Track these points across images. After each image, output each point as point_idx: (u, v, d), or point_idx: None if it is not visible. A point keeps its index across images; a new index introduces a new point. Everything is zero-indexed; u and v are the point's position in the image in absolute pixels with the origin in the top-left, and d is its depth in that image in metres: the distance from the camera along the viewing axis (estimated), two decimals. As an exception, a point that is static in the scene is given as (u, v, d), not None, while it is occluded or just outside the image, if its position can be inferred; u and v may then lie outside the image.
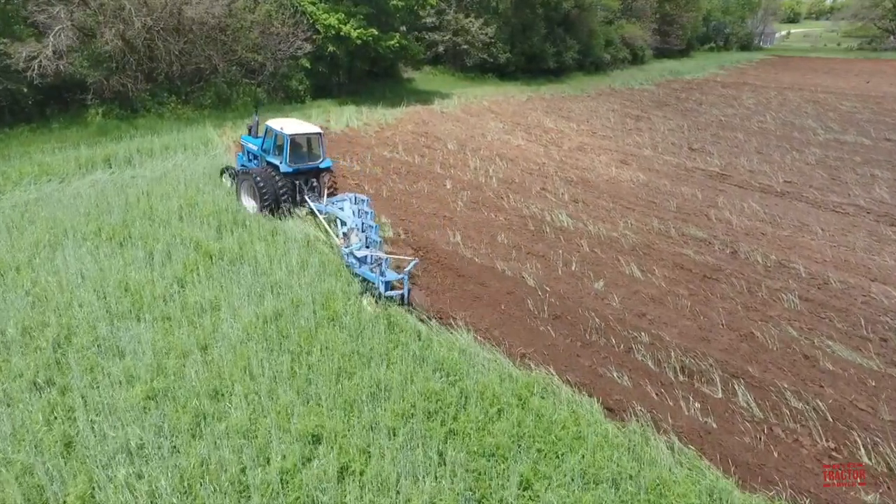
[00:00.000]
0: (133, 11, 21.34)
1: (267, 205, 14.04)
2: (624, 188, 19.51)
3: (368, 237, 12.08)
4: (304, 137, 14.99)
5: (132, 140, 20.85)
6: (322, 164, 14.89)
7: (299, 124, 15.02)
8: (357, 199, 14.07)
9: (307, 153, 15.19)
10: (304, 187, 14.84)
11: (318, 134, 14.95)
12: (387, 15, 30.62)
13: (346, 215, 13.08)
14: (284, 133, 14.14)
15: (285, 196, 14.31)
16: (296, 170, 14.45)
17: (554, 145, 24.90)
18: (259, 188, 14.05)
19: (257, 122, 16.17)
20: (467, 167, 20.31)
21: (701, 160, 24.21)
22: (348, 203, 13.77)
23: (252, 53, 27.17)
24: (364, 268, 11.05)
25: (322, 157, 14.96)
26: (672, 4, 65.90)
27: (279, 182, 14.26)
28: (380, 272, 10.87)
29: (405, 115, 28.35)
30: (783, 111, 36.58)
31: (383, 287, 10.48)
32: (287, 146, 14.13)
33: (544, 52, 44.77)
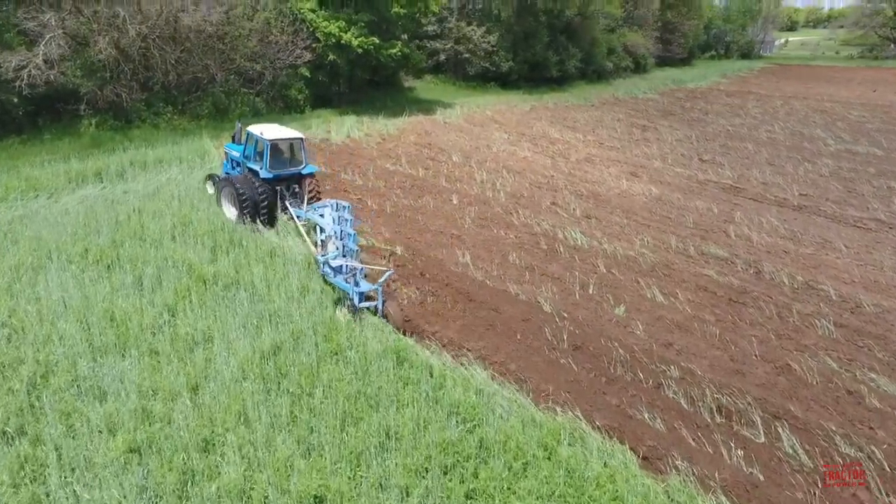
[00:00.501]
0: (127, 19, 20.61)
1: (246, 211, 13.74)
2: (637, 202, 18.77)
3: (346, 245, 11.58)
4: (285, 143, 14.60)
5: (125, 152, 20.05)
6: (304, 170, 14.63)
7: (280, 129, 14.76)
8: (338, 205, 13.39)
9: (289, 159, 14.80)
10: (285, 193, 14.48)
11: (299, 139, 14.64)
12: (388, 23, 29.96)
13: (326, 222, 12.61)
14: (265, 139, 13.85)
15: (265, 203, 14.00)
16: (277, 176, 14.13)
17: (561, 157, 24.18)
18: (239, 195, 13.72)
19: (240, 129, 15.72)
20: (473, 180, 19.56)
21: (713, 172, 23.50)
22: (329, 210, 13.12)
23: (250, 62, 26.45)
24: (339, 278, 10.83)
25: (304, 162, 14.69)
26: (674, 12, 65.50)
27: (259, 188, 13.92)
28: (354, 282, 10.60)
29: (407, 126, 27.64)
30: (791, 121, 35.96)
31: (357, 298, 10.27)
32: (267, 152, 13.84)
33: (547, 60, 44.15)
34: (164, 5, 21.19)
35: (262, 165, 13.95)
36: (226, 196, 14.63)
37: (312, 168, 14.98)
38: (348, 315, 10.15)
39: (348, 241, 11.91)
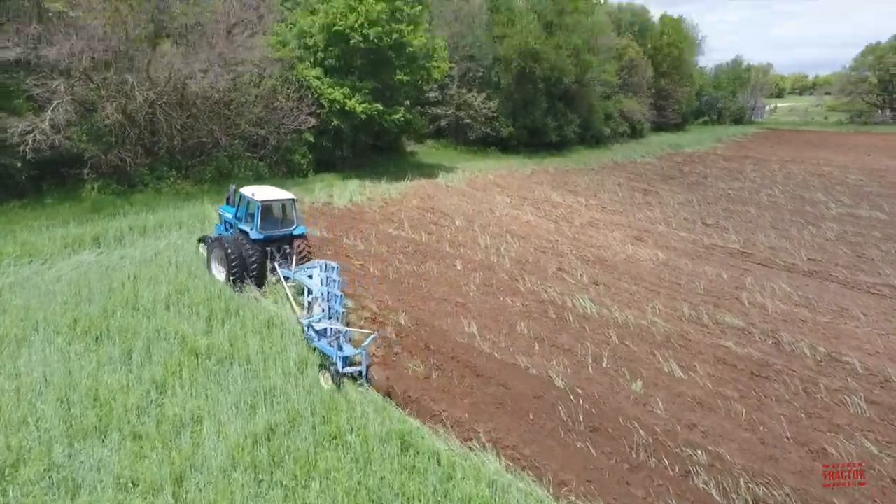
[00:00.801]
0: (136, 86, 20.92)
1: (235, 273, 13.46)
2: (644, 268, 18.38)
3: (332, 307, 11.30)
4: (276, 204, 14.61)
5: (126, 217, 19.84)
6: (295, 231, 14.57)
7: (272, 191, 14.84)
8: (327, 266, 13.30)
9: (280, 220, 14.81)
10: (275, 254, 14.35)
11: (291, 200, 14.65)
12: (391, 90, 30.64)
13: (313, 283, 12.36)
14: (256, 199, 13.86)
15: (255, 264, 13.73)
16: (267, 237, 14.10)
17: (564, 221, 24.03)
18: (228, 256, 13.50)
19: (234, 190, 15.65)
20: (477, 245, 19.25)
21: (718, 236, 23.28)
22: (317, 271, 12.99)
23: (255, 127, 26.79)
24: (322, 341, 10.55)
25: (295, 223, 14.64)
26: (667, 80, 67.79)
27: (249, 249, 13.72)
28: (338, 346, 10.21)
29: (410, 189, 27.68)
30: (790, 184, 36.24)
31: (341, 363, 9.98)
32: (258, 213, 13.83)
33: (546, 126, 45.11)
34: (173, 73, 21.55)
35: (253, 226, 13.89)
36: (215, 257, 14.37)
37: (303, 229, 14.88)
38: (331, 381, 9.80)
39: (334, 302, 11.66)
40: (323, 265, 13.23)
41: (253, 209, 14.05)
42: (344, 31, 27.61)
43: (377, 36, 27.43)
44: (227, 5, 23.90)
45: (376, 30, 27.37)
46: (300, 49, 29.33)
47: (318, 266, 13.19)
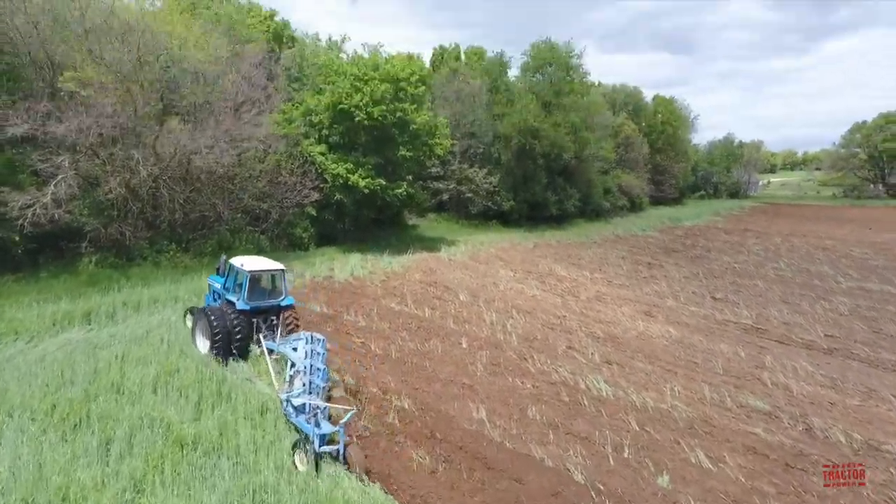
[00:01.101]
0: (141, 161, 21.01)
1: (218, 344, 13.11)
2: (657, 346, 17.62)
3: (312, 382, 10.86)
4: (265, 274, 14.55)
5: (120, 291, 19.33)
6: (283, 302, 14.31)
7: (261, 261, 14.80)
8: (313, 338, 12.77)
9: (268, 291, 14.66)
10: (261, 325, 13.97)
11: (280, 271, 14.52)
12: (394, 165, 31.04)
13: (297, 356, 11.91)
14: (244, 270, 13.73)
15: (239, 336, 13.40)
16: (254, 307, 13.86)
17: (570, 295, 23.47)
18: (212, 327, 13.17)
19: (225, 261, 15.39)
20: (483, 321, 18.58)
21: (729, 311, 22.64)
22: (303, 343, 12.49)
23: (258, 201, 26.84)
24: (300, 417, 10.10)
25: (284, 294, 14.44)
26: (662, 156, 69.46)
27: (234, 321, 13.43)
28: (315, 423, 9.77)
29: (412, 263, 27.32)
30: (794, 258, 35.98)
31: (318, 441, 9.45)
32: (246, 283, 13.68)
33: (546, 200, 45.58)
34: (179, 148, 21.73)
35: (240, 296, 13.69)
36: (200, 328, 14.04)
37: (291, 300, 14.57)
38: (306, 461, 9.23)
39: (317, 376, 11.18)
40: (309, 337, 12.77)
41: (241, 279, 13.88)
42: (349, 110, 28.30)
43: (381, 114, 28.08)
44: (235, 85, 24.54)
45: (380, 108, 28.06)
46: (305, 126, 29.96)
47: (304, 338, 12.73)
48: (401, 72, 29.53)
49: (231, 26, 31.50)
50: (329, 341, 15.35)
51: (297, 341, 12.74)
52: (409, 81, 29.81)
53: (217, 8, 34.29)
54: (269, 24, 36.08)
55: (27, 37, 20.88)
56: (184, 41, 22.71)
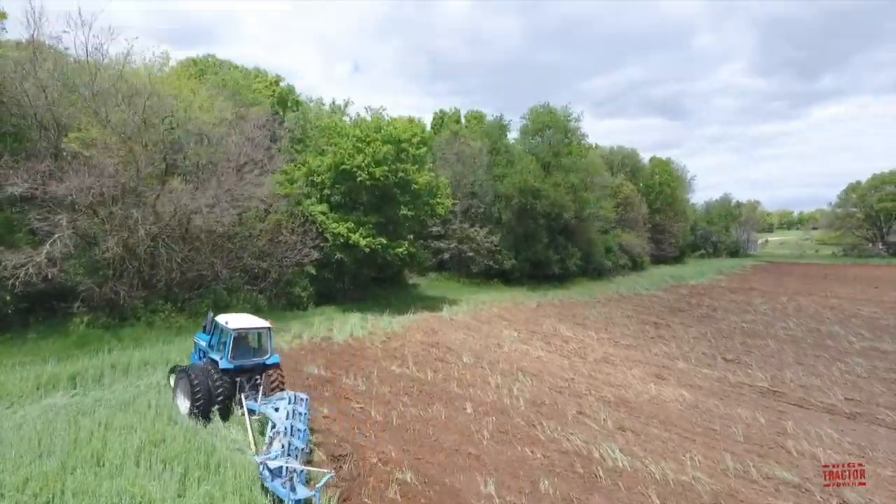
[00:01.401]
0: (140, 220, 20.79)
1: (199, 404, 12.63)
2: (672, 411, 16.74)
3: (291, 443, 10.44)
4: (250, 332, 14.23)
5: (110, 353, 18.59)
6: (268, 361, 13.93)
7: (248, 319, 14.44)
8: (296, 398, 12.46)
9: (253, 349, 14.28)
10: (244, 385, 13.56)
11: (266, 329, 14.15)
12: (395, 224, 30.93)
13: (278, 417, 11.44)
14: (229, 328, 13.39)
15: (221, 396, 12.93)
16: (238, 366, 13.48)
17: (577, 356, 22.68)
18: (192, 386, 12.73)
19: (211, 319, 14.94)
20: (488, 385, 17.75)
21: (742, 373, 21.81)
22: (285, 403, 12.08)
23: (257, 260, 26.48)
24: (276, 482, 9.44)
25: (269, 353, 14.08)
26: (662, 215, 69.93)
27: (217, 380, 13.00)
28: (290, 487, 9.22)
29: (413, 323, 26.63)
30: (803, 317, 35.29)
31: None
32: (230, 341, 13.35)
33: (548, 258, 45.34)
34: (179, 208, 21.57)
35: (224, 355, 13.33)
36: (181, 388, 13.48)
37: (277, 359, 14.17)
38: None
39: (297, 438, 10.78)
40: (292, 397, 12.38)
41: (226, 338, 13.53)
42: (351, 170, 28.45)
43: (383, 174, 28.21)
44: (238, 146, 24.72)
45: (382, 169, 28.21)
46: (307, 186, 30.06)
47: (287, 398, 12.30)
48: (402, 133, 29.95)
49: (237, 91, 32.27)
50: (327, 406, 14.58)
51: (279, 401, 12.28)
52: (411, 142, 30.18)
53: (224, 74, 35.32)
54: (274, 89, 37.04)
55: (35, 100, 21.18)
56: (189, 104, 23.03)
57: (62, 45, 23.30)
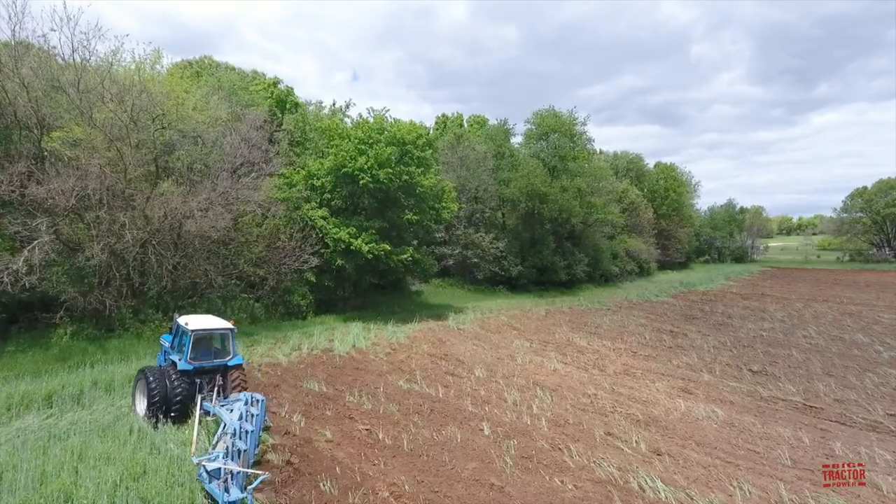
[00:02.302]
0: (128, 225, 19.39)
1: (155, 405, 12.57)
2: (707, 430, 15.29)
3: (235, 445, 10.12)
4: (210, 333, 13.88)
5: (93, 368, 17.19)
6: (231, 362, 13.72)
7: (208, 320, 14.29)
8: (253, 399, 12.23)
9: (214, 350, 13.96)
10: (204, 386, 13.29)
11: (228, 330, 13.96)
12: (399, 229, 29.57)
13: (229, 418, 11.17)
14: (188, 328, 13.24)
15: (179, 397, 12.80)
16: (197, 368, 13.25)
17: (596, 369, 21.25)
18: (149, 387, 12.70)
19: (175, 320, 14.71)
20: (504, 402, 16.30)
21: (773, 386, 20.37)
22: (240, 404, 11.80)
23: (254, 267, 25.07)
24: (213, 484, 9.19)
25: (231, 354, 13.87)
26: (667, 221, 68.69)
27: (175, 381, 12.91)
28: (224, 489, 8.93)
29: (419, 333, 25.20)
30: (823, 325, 33.87)
31: None
32: (189, 342, 13.17)
33: (555, 264, 44.00)
34: (169, 212, 20.17)
35: (183, 356, 13.18)
36: (139, 389, 13.44)
37: (240, 360, 13.93)
38: None
39: (246, 439, 10.39)
40: (249, 398, 12.15)
41: (185, 339, 13.35)
42: (353, 173, 27.12)
43: (387, 177, 26.87)
44: (234, 147, 23.35)
45: (386, 171, 26.87)
46: (307, 190, 28.70)
47: (244, 399, 12.06)
48: (407, 135, 28.64)
49: (233, 92, 30.97)
50: (330, 428, 13.16)
51: (235, 402, 12.05)
52: (416, 144, 28.87)
53: (220, 75, 34.03)
54: (272, 91, 35.74)
55: (14, 97, 19.82)
56: (182, 103, 21.67)
57: (48, 44, 22.05)
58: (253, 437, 10.64)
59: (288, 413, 14.22)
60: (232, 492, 8.96)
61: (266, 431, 12.67)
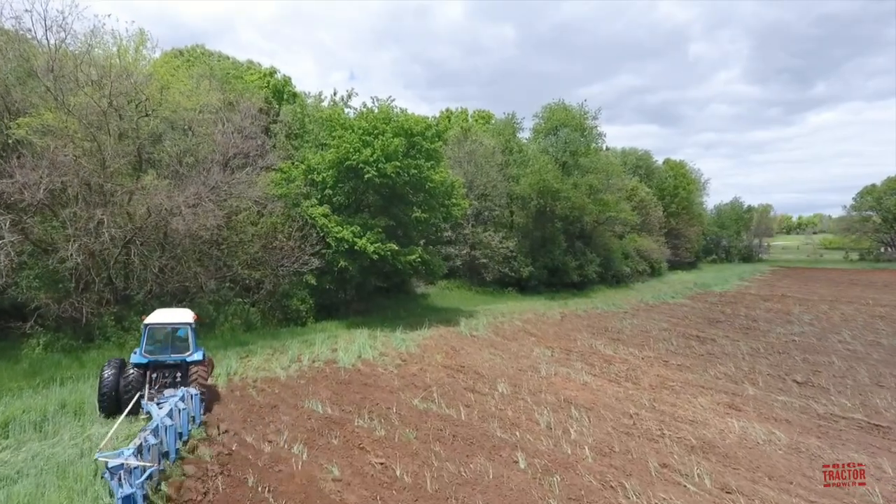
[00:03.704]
0: (107, 222, 17.24)
1: (103, 397, 12.63)
2: (774, 458, 13.20)
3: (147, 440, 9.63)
4: (166, 327, 13.67)
5: (65, 385, 15.08)
6: (190, 358, 13.51)
7: (168, 313, 14.17)
8: (186, 394, 12.02)
9: (174, 345, 13.69)
10: (153, 381, 13.19)
11: (187, 324, 13.72)
12: (406, 228, 27.45)
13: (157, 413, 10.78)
14: (144, 322, 13.32)
15: (130, 389, 12.73)
16: (151, 361, 13.26)
17: (629, 381, 19.18)
18: (101, 379, 12.66)
19: None
20: (536, 424, 14.20)
21: (826, 400, 18.34)
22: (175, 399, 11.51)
23: (249, 269, 22.92)
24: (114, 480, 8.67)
25: (191, 349, 13.63)
26: (677, 219, 66.69)
27: (130, 375, 12.82)
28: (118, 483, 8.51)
29: (429, 341, 23.10)
30: (855, 328, 31.87)
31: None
32: (144, 335, 13.29)
33: (566, 265, 41.93)
34: (153, 208, 18.01)
35: (139, 350, 13.25)
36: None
37: (200, 355, 13.63)
38: None
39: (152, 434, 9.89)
40: (183, 394, 11.95)
41: (143, 332, 13.37)
42: (357, 166, 24.98)
43: (395, 170, 24.73)
44: (226, 136, 21.17)
45: (394, 164, 24.73)
46: (306, 185, 26.55)
47: (181, 394, 11.87)
48: (415, 125, 26.51)
49: (226, 80, 28.81)
50: (337, 462, 11.04)
51: (172, 397, 11.73)
52: (425, 136, 26.75)
53: (213, 63, 31.85)
54: (268, 80, 33.54)
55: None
56: (166, 86, 19.49)
57: (20, 25, 19.93)
58: (171, 431, 10.46)
59: (287, 442, 12.11)
60: (125, 487, 8.54)
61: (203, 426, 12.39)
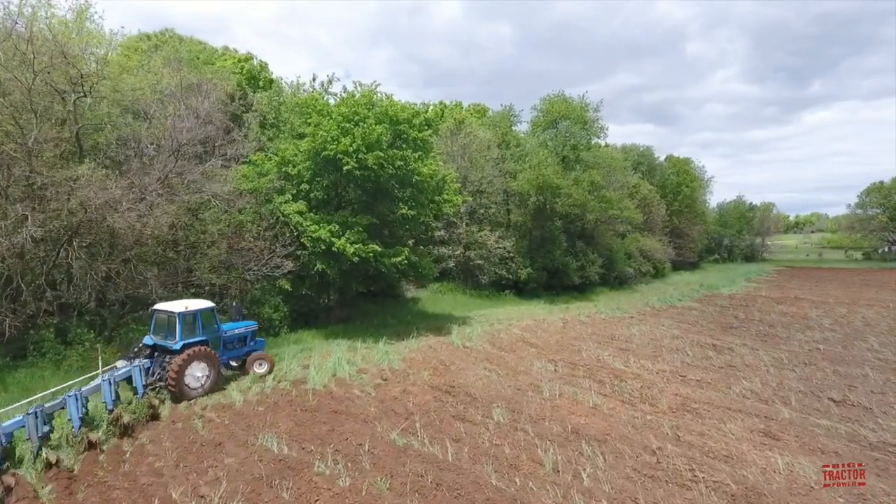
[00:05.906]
0: (30, 219, 14.54)
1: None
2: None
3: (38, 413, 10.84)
4: (163, 314, 15.23)
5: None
6: (174, 346, 14.76)
7: (178, 303, 15.50)
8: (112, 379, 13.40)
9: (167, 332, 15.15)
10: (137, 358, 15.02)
11: (175, 314, 14.85)
12: (392, 226, 24.82)
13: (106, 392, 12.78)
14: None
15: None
16: (157, 344, 15.26)
17: (645, 403, 16.58)
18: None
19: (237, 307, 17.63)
20: (540, 467, 11.56)
21: (872, 424, 15.78)
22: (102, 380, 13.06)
23: (212, 274, 20.24)
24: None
25: (176, 338, 14.82)
26: (680, 218, 64.26)
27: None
28: None
29: (416, 354, 20.48)
30: (881, 335, 29.38)
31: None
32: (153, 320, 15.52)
33: (567, 266, 39.35)
34: (85, 202, 15.30)
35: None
36: None
37: (178, 346, 14.72)
38: None
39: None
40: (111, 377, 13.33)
41: None
42: (335, 157, 22.31)
43: (377, 161, 22.07)
44: (179, 119, 18.45)
45: (376, 155, 22.08)
46: (280, 179, 23.85)
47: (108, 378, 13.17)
48: (401, 112, 23.87)
49: (194, 65, 26.08)
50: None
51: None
52: (412, 124, 24.10)
53: (181, 47, 29.12)
54: (243, 66, 30.80)
55: None
56: (105, 61, 16.77)
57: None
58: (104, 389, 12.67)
59: (223, 499, 9.44)
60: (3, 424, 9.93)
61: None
